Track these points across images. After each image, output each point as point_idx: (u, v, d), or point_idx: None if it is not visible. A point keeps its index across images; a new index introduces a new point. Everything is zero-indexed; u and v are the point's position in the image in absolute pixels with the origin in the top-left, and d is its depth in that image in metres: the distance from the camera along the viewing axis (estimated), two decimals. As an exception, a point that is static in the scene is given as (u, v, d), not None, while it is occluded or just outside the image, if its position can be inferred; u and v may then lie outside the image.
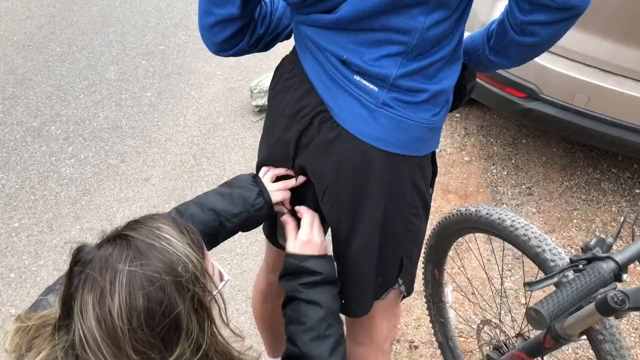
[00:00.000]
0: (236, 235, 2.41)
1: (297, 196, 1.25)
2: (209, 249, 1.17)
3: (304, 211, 1.21)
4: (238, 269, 2.34)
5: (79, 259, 0.76)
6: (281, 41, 1.23)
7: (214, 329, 0.82)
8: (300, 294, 1.10)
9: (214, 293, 0.84)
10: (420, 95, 1.03)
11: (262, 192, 1.17)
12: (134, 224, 0.80)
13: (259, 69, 3.63)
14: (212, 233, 1.13)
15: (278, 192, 1.20)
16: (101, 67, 3.55)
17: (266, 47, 1.20)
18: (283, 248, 1.23)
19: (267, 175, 1.23)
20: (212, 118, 3.22)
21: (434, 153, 1.17)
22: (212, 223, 1.13)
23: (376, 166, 1.06)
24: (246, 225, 1.18)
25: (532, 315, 0.84)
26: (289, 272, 1.14)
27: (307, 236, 1.16)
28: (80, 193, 2.65)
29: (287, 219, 1.22)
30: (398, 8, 0.94)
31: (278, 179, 1.23)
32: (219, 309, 0.85)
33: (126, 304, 0.71)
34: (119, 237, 0.77)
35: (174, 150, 2.95)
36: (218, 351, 0.83)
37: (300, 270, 1.12)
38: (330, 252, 1.21)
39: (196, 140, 3.04)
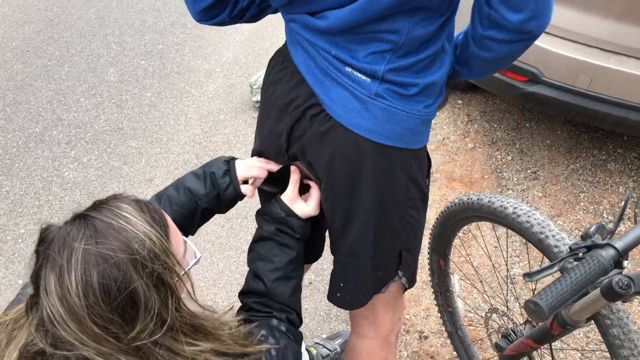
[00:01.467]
0: (242, 233, 2.45)
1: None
2: (192, 230, 1.22)
3: (314, 187, 1.22)
4: (244, 266, 2.34)
5: (43, 238, 0.79)
6: (272, 13, 1.21)
7: (181, 304, 0.83)
8: (276, 237, 1.16)
9: (182, 272, 0.85)
10: (411, 88, 1.03)
11: (229, 170, 1.20)
12: (98, 204, 0.83)
13: (259, 64, 3.61)
14: (189, 214, 1.18)
15: (251, 167, 1.22)
16: (100, 69, 3.55)
17: (252, 19, 1.20)
18: (267, 196, 1.30)
19: (256, 158, 1.26)
20: (213, 115, 3.21)
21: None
22: (188, 203, 1.17)
23: (369, 158, 1.06)
24: (218, 205, 1.21)
25: (531, 308, 0.83)
26: (271, 216, 1.18)
27: (313, 210, 1.20)
28: (84, 196, 2.66)
29: (296, 175, 1.22)
30: (386, 17, 0.95)
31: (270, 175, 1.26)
32: (185, 285, 0.86)
33: (82, 281, 0.74)
34: (79, 217, 0.80)
35: (176, 150, 2.95)
36: (187, 324, 0.84)
37: (282, 222, 1.17)
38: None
39: (198, 138, 3.04)
